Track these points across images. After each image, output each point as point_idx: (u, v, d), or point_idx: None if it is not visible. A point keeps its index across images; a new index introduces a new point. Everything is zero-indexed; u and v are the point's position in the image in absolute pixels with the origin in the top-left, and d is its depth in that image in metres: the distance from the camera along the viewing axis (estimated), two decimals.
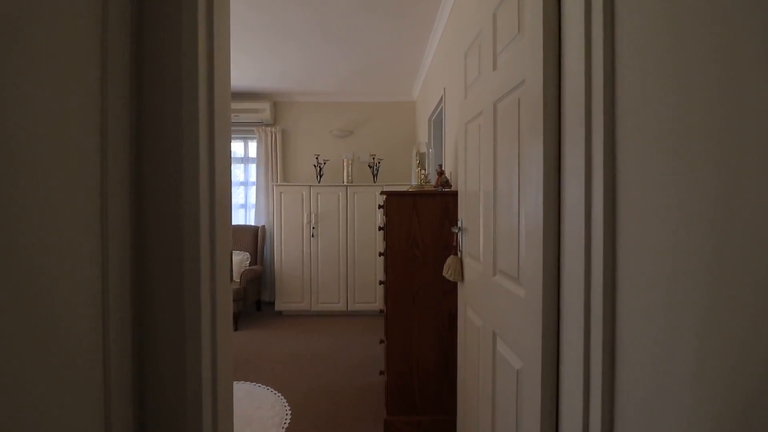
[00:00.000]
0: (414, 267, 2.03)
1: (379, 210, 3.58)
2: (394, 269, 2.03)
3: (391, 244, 2.02)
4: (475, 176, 1.47)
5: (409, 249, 2.03)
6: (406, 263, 2.03)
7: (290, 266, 4.17)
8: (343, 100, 4.75)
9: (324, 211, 4.15)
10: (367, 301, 4.14)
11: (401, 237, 2.02)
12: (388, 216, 2.02)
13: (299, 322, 4.03)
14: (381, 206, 2.26)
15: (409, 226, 2.02)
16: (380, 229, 2.24)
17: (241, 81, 4.19)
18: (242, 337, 3.58)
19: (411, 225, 2.02)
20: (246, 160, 4.86)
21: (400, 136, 4.76)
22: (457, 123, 1.74)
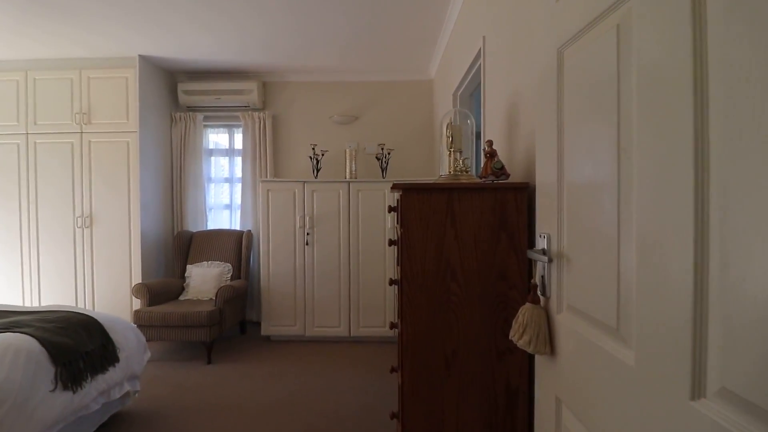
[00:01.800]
0: (448, 309, 1.22)
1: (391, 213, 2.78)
2: (415, 311, 1.22)
3: (410, 269, 1.22)
4: (590, 152, 0.66)
5: (439, 279, 1.22)
6: (435, 302, 1.22)
7: (280, 281, 3.39)
8: (345, 80, 3.95)
9: (321, 213, 3.35)
10: (374, 324, 3.33)
11: (427, 258, 1.22)
12: (405, 224, 1.22)
13: (291, 350, 3.24)
14: (393, 208, 1.46)
15: (441, 241, 1.22)
16: (392, 243, 1.44)
17: (220, 54, 3.41)
18: (214, 373, 2.81)
19: (444, 239, 1.21)
20: (232, 152, 4.10)
21: (415, 121, 3.94)
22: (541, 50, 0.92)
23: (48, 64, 3.42)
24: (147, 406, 2.36)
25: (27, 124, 3.41)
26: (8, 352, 1.59)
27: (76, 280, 3.45)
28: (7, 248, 3.45)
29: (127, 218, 3.43)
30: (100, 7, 2.59)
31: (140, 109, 3.40)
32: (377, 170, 3.85)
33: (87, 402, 1.87)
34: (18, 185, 3.43)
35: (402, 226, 1.22)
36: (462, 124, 1.53)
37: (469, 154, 1.58)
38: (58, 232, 3.44)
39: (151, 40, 3.10)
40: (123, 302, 3.44)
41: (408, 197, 1.21)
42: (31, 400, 1.59)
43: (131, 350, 2.21)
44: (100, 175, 3.42)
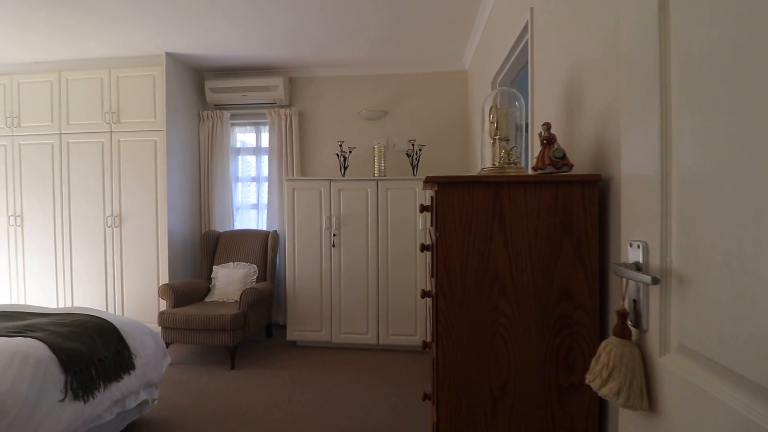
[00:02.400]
0: (495, 332, 0.98)
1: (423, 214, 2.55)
2: (454, 334, 0.99)
3: (448, 282, 0.99)
4: (733, 135, 0.40)
5: (484, 295, 0.98)
6: (479, 323, 0.98)
7: (306, 284, 3.23)
8: (373, 73, 3.75)
9: (348, 213, 3.17)
10: (403, 332, 3.11)
11: (468, 269, 0.98)
12: (441, 226, 0.99)
13: (316, 357, 3.08)
14: (426, 207, 1.24)
15: (486, 248, 0.98)
16: (424, 249, 1.21)
17: (246, 49, 3.31)
18: (237, 380, 2.68)
19: (490, 245, 0.98)
20: (258, 151, 4.01)
21: (448, 115, 3.69)
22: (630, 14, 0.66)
23: (79, 64, 3.45)
24: (166, 415, 2.26)
25: (60, 124, 3.45)
26: (15, 359, 1.50)
27: (106, 280, 3.46)
28: (41, 248, 3.51)
29: (154, 218, 3.40)
30: (128, 4, 2.53)
31: (167, 107, 3.35)
32: (407, 168, 3.63)
33: (99, 412, 1.77)
34: (52, 185, 3.48)
35: (437, 229, 0.99)
36: (509, 107, 1.28)
37: (517, 143, 1.33)
38: (89, 231, 3.46)
39: (178, 36, 3.03)
40: (151, 303, 3.41)
41: (445, 194, 0.98)
42: (37, 412, 1.49)
43: (149, 357, 2.10)
44: (128, 174, 3.41)
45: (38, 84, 3.46)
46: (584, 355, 0.96)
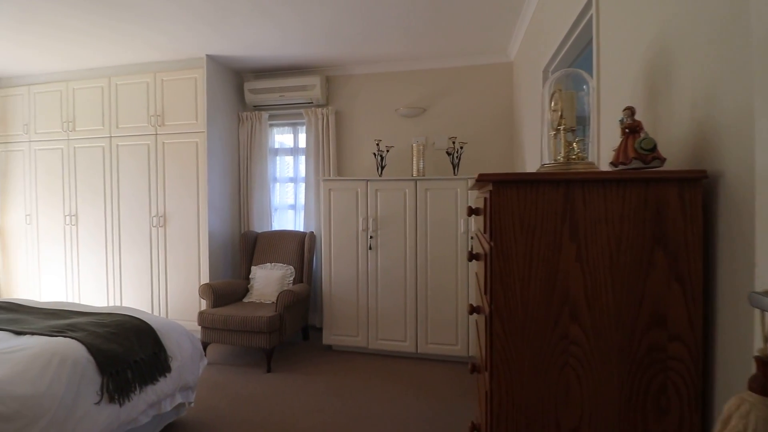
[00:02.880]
0: (565, 364, 0.80)
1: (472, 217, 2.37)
2: (512, 364, 0.82)
3: (505, 301, 0.82)
4: None
5: (551, 318, 0.81)
6: (545, 353, 0.81)
7: (342, 287, 3.14)
8: (411, 68, 3.60)
9: (386, 215, 3.04)
10: (444, 341, 2.93)
11: (532, 286, 0.81)
12: (497, 234, 0.83)
13: (353, 363, 2.97)
14: (475, 210, 1.07)
15: (554, 261, 0.80)
16: (473, 258, 1.05)
17: (284, 49, 3.27)
18: (273, 384, 2.63)
19: (559, 258, 0.80)
20: (296, 151, 3.98)
21: (492, 111, 3.46)
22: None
23: (127, 69, 3.57)
24: (201, 417, 2.24)
25: (110, 128, 3.59)
26: (53, 361, 1.50)
27: (151, 279, 3.55)
28: (93, 247, 3.67)
29: (196, 218, 3.45)
30: (172, 8, 2.55)
31: (208, 109, 3.39)
32: (448, 167, 3.44)
33: (135, 415, 1.75)
34: (103, 186, 3.63)
35: (492, 236, 0.83)
36: (575, 92, 1.09)
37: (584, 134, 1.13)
38: (137, 231, 3.57)
39: (219, 38, 3.04)
40: (192, 302, 3.46)
41: (502, 194, 0.82)
42: (73, 415, 1.47)
43: (185, 359, 2.08)
44: (172, 175, 3.49)
45: (91, 90, 3.62)
46: (682, 399, 0.76)
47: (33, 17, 2.67)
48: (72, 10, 2.58)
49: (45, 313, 2.06)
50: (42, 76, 3.77)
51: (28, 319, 1.95)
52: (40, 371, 1.43)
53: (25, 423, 1.28)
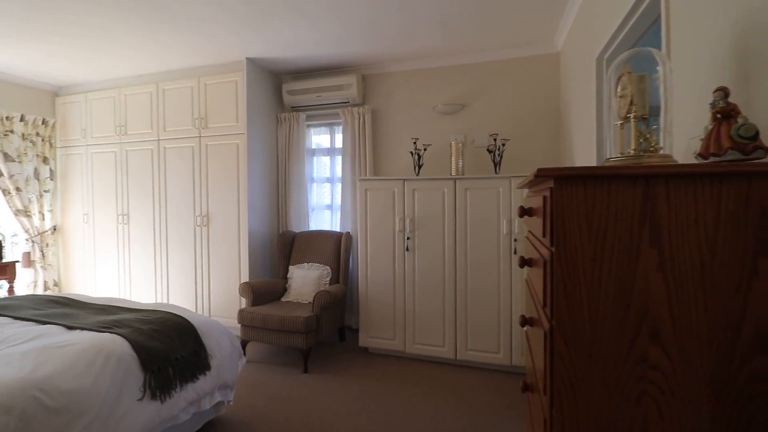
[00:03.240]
0: (644, 393, 0.68)
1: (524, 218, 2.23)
2: (578, 388, 0.71)
3: (570, 317, 0.71)
4: None
5: (625, 338, 0.68)
6: (618, 379, 0.69)
7: (379, 289, 3.08)
8: (449, 64, 3.47)
9: (423, 215, 2.95)
10: (486, 349, 2.79)
11: (602, 300, 0.70)
12: (559, 237, 0.71)
13: (389, 367, 2.90)
14: (528, 210, 0.96)
15: (629, 270, 0.68)
16: (525, 263, 0.94)
17: (321, 48, 3.26)
18: (310, 385, 2.61)
19: (635, 266, 0.68)
20: (332, 151, 3.97)
21: (536, 105, 3.27)
22: None
23: (173, 75, 3.71)
24: (240, 416, 2.25)
25: (158, 131, 3.75)
26: (99, 356, 1.54)
27: (195, 277, 3.67)
28: (143, 246, 3.85)
29: (236, 217, 3.52)
30: (214, 11, 2.60)
31: (248, 111, 3.45)
32: (488, 165, 3.29)
33: (176, 413, 1.77)
34: (152, 187, 3.80)
35: (554, 241, 0.72)
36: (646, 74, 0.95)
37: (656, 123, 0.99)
38: (183, 230, 3.70)
39: (258, 40, 3.08)
40: (233, 300, 3.54)
41: (566, 192, 0.71)
42: (116, 410, 1.50)
43: (224, 358, 2.10)
44: (214, 176, 3.58)
45: (140, 95, 3.80)
46: None
47: (89, 30, 2.82)
48: (123, 23, 2.70)
49: (95, 309, 2.14)
50: (97, 84, 4.01)
51: (80, 314, 2.04)
52: (86, 367, 1.47)
53: (71, 418, 1.31)
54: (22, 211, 3.86)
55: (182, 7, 2.56)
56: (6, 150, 3.71)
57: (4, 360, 1.39)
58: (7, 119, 3.73)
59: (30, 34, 2.93)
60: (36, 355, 1.43)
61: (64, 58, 3.41)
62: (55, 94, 4.19)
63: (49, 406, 1.26)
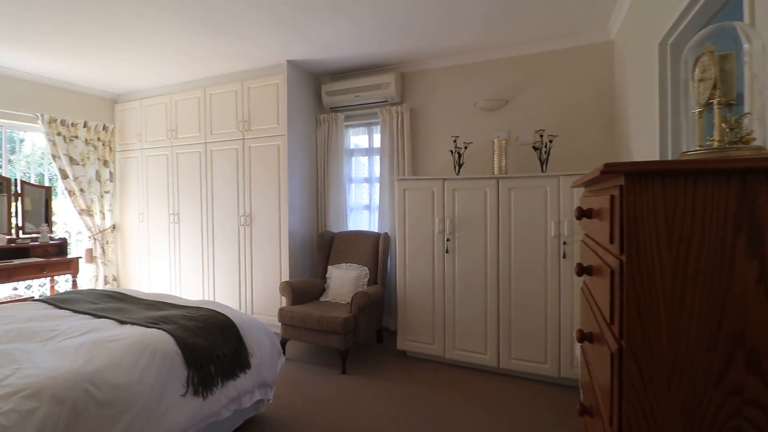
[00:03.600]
0: None
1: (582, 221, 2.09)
2: (655, 423, 0.60)
3: (644, 339, 0.61)
4: None
5: (713, 366, 0.57)
6: (705, 413, 0.58)
7: (417, 291, 3.01)
8: (491, 58, 3.33)
9: (464, 216, 2.84)
10: (531, 358, 2.63)
11: (684, 319, 0.59)
12: (632, 244, 0.61)
13: (428, 372, 2.82)
14: (587, 212, 0.85)
15: (721, 284, 0.57)
16: (584, 271, 0.83)
17: (359, 48, 3.24)
18: (348, 386, 2.59)
19: (729, 280, 0.57)
20: (371, 151, 3.95)
21: (586, 98, 3.05)
22: None
23: (219, 80, 3.85)
24: (279, 414, 2.27)
25: (205, 134, 3.90)
26: (146, 352, 1.59)
27: (239, 275, 3.78)
28: (192, 244, 4.02)
29: (277, 217, 3.58)
30: (255, 14, 2.65)
31: (288, 113, 3.50)
32: (534, 163, 3.12)
33: (217, 409, 1.80)
34: (199, 188, 3.96)
35: (625, 248, 0.62)
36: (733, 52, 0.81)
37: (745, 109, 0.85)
38: (228, 229, 3.83)
39: (298, 42, 3.11)
40: (274, 299, 3.60)
41: (640, 191, 0.60)
42: (161, 405, 1.55)
43: (264, 356, 2.12)
44: (257, 176, 3.67)
45: (189, 100, 3.97)
46: None
47: (145, 40, 2.98)
48: (175, 31, 2.82)
49: (145, 304, 2.24)
50: (151, 91, 4.25)
51: (132, 308, 2.14)
52: (134, 362, 1.52)
53: (119, 411, 1.35)
54: (85, 210, 4.16)
55: (228, 13, 2.63)
56: (71, 154, 4.02)
57: (60, 352, 1.47)
58: (72, 125, 4.04)
59: (93, 48, 3.14)
60: (89, 349, 1.50)
61: (122, 68, 3.63)
62: (114, 102, 4.50)
63: (99, 399, 1.31)
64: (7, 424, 1.05)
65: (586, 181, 0.83)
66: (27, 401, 1.14)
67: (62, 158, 3.95)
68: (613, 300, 0.65)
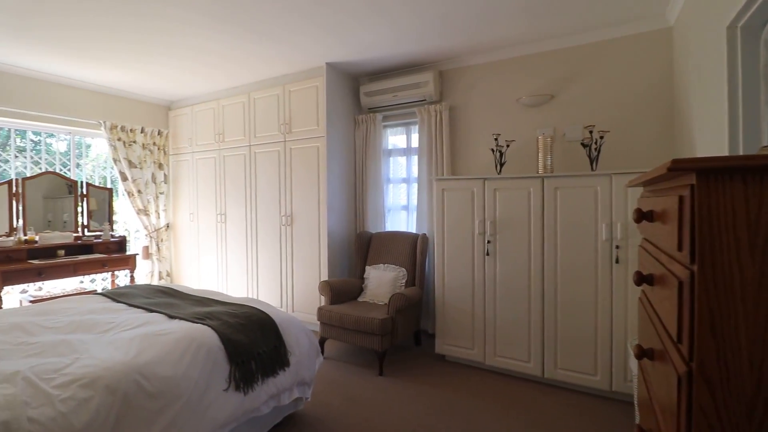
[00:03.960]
0: None
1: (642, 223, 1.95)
2: None
3: (720, 358, 0.53)
4: None
5: None
6: None
7: (456, 294, 2.93)
8: (534, 51, 3.18)
9: (506, 217, 2.73)
10: (579, 369, 2.47)
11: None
12: (705, 251, 0.53)
13: (468, 378, 2.74)
14: (647, 214, 0.77)
15: None
16: (643, 280, 0.75)
17: (397, 47, 3.22)
18: (385, 388, 2.57)
19: None
20: (409, 151, 3.91)
21: (641, 90, 2.83)
22: None
23: (262, 84, 3.98)
24: (317, 413, 2.29)
25: (250, 137, 4.05)
26: (191, 346, 1.66)
27: (280, 273, 3.89)
28: (237, 243, 4.19)
29: (317, 218, 3.64)
30: (295, 20, 2.71)
31: (327, 114, 3.55)
32: (583, 161, 2.94)
33: (258, 405, 1.84)
34: (244, 189, 4.12)
35: (696, 256, 0.54)
36: None
37: None
38: (270, 229, 3.95)
39: (337, 44, 3.14)
40: (313, 298, 3.67)
41: (715, 191, 0.52)
42: (204, 398, 1.60)
43: (302, 355, 2.15)
44: (297, 177, 3.76)
45: (235, 105, 4.14)
46: None
47: (195, 48, 3.14)
48: (221, 39, 2.95)
49: (193, 300, 2.35)
50: (200, 97, 4.48)
51: (181, 304, 2.25)
52: (180, 355, 1.59)
53: (166, 403, 1.42)
54: (142, 210, 4.46)
55: (269, 18, 2.70)
56: (130, 158, 4.32)
57: (115, 344, 1.57)
58: (131, 131, 4.35)
59: (148, 56, 3.35)
60: (140, 342, 1.59)
61: (175, 76, 3.86)
62: (168, 108, 4.78)
63: (148, 390, 1.38)
64: (64, 411, 1.12)
65: (646, 179, 0.75)
66: (83, 390, 1.22)
67: (122, 162, 4.26)
68: (682, 315, 0.57)
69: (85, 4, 2.48)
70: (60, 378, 1.28)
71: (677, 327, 0.59)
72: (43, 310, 2.09)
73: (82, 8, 2.53)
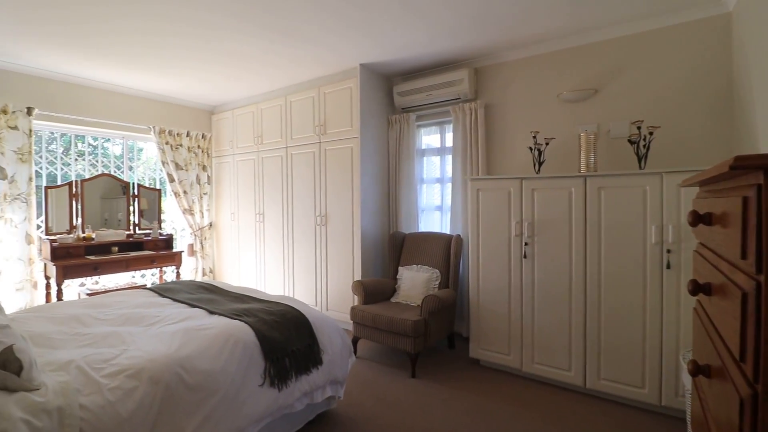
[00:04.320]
0: None
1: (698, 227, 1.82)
2: None
3: None
4: None
5: None
6: None
7: (492, 297, 2.85)
8: (575, 44, 3.03)
9: (545, 218, 2.62)
10: (624, 380, 2.32)
11: None
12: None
13: (503, 385, 2.66)
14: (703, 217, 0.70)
15: None
16: (699, 290, 0.68)
17: (430, 46, 3.18)
18: (417, 391, 2.54)
19: None
20: (443, 151, 3.86)
21: (695, 81, 2.62)
22: None
23: (298, 87, 4.07)
24: (349, 412, 2.30)
25: (286, 139, 4.16)
26: (229, 342, 1.72)
27: (315, 272, 3.96)
28: (275, 242, 4.31)
29: (350, 217, 3.67)
30: (329, 22, 2.75)
31: (361, 115, 3.57)
32: (630, 159, 2.77)
33: (291, 401, 1.88)
34: (281, 189, 4.23)
35: (762, 266, 0.48)
36: None
37: None
38: (306, 228, 4.03)
39: (370, 45, 3.15)
40: (346, 297, 3.70)
41: None
42: (241, 393, 1.65)
43: (335, 354, 2.17)
44: (331, 178, 3.81)
45: (272, 108, 4.27)
46: None
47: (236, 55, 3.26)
48: (260, 44, 3.04)
49: (232, 297, 2.43)
50: (240, 101, 4.66)
51: (221, 300, 2.34)
52: (218, 350, 1.65)
53: (204, 396, 1.47)
54: (187, 210, 4.70)
55: (304, 21, 2.75)
56: (177, 160, 4.56)
57: (158, 337, 1.65)
58: (177, 135, 4.59)
59: (192, 62, 3.52)
60: (182, 336, 1.66)
61: (216, 81, 4.03)
62: (211, 113, 5.01)
63: (188, 383, 1.44)
64: (112, 400, 1.20)
65: (704, 179, 0.68)
66: (129, 380, 1.29)
67: (169, 164, 4.51)
68: (745, 331, 0.51)
69: (123, 16, 2.64)
70: (109, 368, 1.36)
71: (740, 344, 0.52)
72: (97, 302, 2.25)
73: (121, 13, 2.70)
